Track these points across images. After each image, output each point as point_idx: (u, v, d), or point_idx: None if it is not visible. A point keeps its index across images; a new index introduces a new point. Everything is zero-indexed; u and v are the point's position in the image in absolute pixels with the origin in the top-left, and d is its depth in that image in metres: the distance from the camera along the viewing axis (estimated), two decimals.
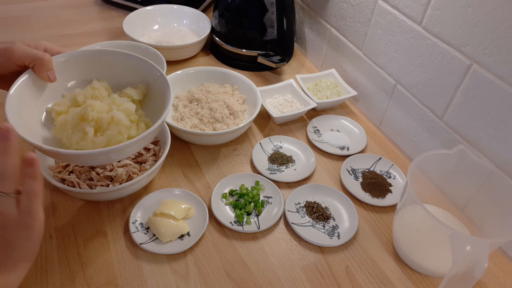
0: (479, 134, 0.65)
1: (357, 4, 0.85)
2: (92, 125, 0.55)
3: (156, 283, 0.57)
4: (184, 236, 0.63)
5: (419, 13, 0.70)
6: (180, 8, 1.10)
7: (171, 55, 0.97)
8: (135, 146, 0.54)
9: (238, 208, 0.67)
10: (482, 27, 0.60)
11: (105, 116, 0.55)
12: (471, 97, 0.65)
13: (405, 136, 0.81)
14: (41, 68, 0.55)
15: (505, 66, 0.58)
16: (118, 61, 0.64)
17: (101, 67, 0.64)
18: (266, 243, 0.64)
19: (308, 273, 0.60)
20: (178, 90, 0.86)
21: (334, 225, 0.67)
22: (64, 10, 1.17)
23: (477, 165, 0.61)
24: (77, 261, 0.59)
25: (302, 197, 0.71)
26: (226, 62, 1.03)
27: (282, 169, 0.76)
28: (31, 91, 0.57)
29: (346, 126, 0.87)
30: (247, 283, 0.58)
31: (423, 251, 0.60)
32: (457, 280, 0.48)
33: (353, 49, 0.90)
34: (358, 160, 0.78)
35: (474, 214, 0.64)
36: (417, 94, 0.75)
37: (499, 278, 0.63)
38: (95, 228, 0.63)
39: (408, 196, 0.57)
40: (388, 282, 0.60)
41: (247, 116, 0.84)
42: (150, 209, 0.65)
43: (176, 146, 0.78)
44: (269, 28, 0.96)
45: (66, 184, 0.64)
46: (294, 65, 1.06)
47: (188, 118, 0.79)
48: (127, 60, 0.64)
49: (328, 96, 0.91)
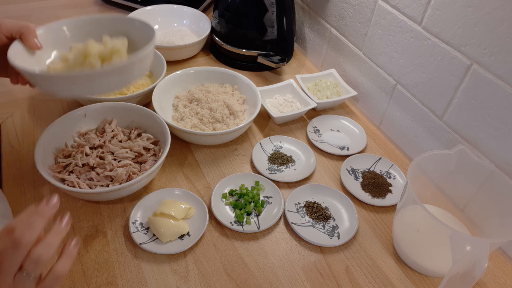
0: (479, 134, 0.65)
1: (357, 4, 0.85)
2: (97, 57, 0.57)
3: (156, 283, 0.57)
4: (184, 236, 0.63)
5: (419, 13, 0.70)
6: (180, 8, 1.10)
7: (171, 55, 0.97)
8: (142, 64, 0.57)
9: (238, 208, 0.67)
10: (482, 27, 0.60)
11: (106, 49, 0.58)
12: (471, 97, 0.65)
13: (405, 136, 0.81)
14: (29, 35, 0.58)
15: (505, 66, 0.58)
16: (97, 27, 0.65)
17: (81, 36, 0.64)
18: (266, 243, 0.64)
19: (308, 273, 0.60)
20: (178, 90, 0.86)
21: (334, 225, 0.67)
22: (64, 10, 1.17)
23: (477, 165, 0.61)
24: (77, 261, 0.59)
25: (302, 197, 0.71)
26: (226, 62, 1.03)
27: (282, 169, 0.76)
28: (23, 57, 0.58)
29: (346, 126, 0.87)
30: (247, 283, 0.58)
31: (423, 251, 0.60)
32: (457, 280, 0.48)
33: (353, 49, 0.90)
34: (358, 160, 0.78)
35: (474, 214, 0.64)
36: (417, 94, 0.75)
37: (499, 278, 0.63)
38: (95, 228, 0.63)
39: (408, 196, 0.57)
40: (388, 282, 0.60)
41: (247, 116, 0.84)
42: (150, 209, 0.65)
43: (176, 146, 0.78)
44: (269, 28, 0.96)
45: (66, 184, 0.64)
46: (294, 65, 1.06)
47: (188, 118, 0.79)
48: (106, 23, 0.66)
49: (328, 96, 0.91)
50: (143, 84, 0.85)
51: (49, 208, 0.43)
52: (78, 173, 0.66)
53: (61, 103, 0.85)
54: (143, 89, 0.82)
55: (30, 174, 0.70)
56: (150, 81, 0.88)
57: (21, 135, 0.77)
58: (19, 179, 0.69)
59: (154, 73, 0.91)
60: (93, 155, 0.68)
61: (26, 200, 0.66)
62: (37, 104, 0.84)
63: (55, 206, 0.43)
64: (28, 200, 0.66)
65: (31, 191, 0.68)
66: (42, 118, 0.81)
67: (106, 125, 0.74)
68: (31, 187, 0.68)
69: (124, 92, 0.82)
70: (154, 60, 0.89)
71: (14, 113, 0.82)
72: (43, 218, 0.42)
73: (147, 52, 0.56)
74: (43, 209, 0.42)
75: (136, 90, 0.83)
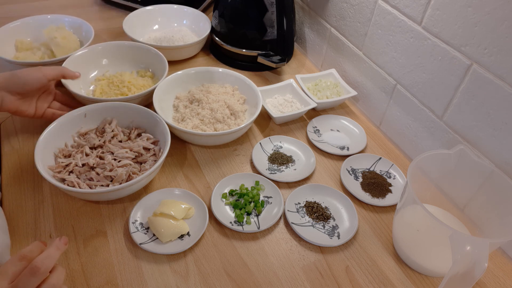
0: (479, 134, 0.65)
1: (357, 4, 0.85)
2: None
3: (156, 283, 0.57)
4: (184, 236, 0.63)
5: (419, 13, 0.70)
6: (180, 8, 1.10)
7: (171, 55, 0.97)
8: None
9: (238, 208, 0.67)
10: (482, 27, 0.60)
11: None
12: (471, 97, 0.65)
13: (405, 136, 0.81)
14: (69, 73, 0.78)
15: (505, 66, 0.58)
16: None
17: None
18: (266, 243, 0.64)
19: (308, 273, 0.60)
20: (178, 91, 0.86)
21: (334, 225, 0.67)
22: (64, 10, 1.17)
23: (477, 165, 0.61)
24: (77, 261, 0.59)
25: (302, 197, 0.71)
26: (226, 62, 1.03)
27: (282, 169, 0.76)
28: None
29: (346, 126, 0.87)
30: (247, 283, 0.58)
31: (423, 251, 0.60)
32: (457, 280, 0.48)
33: (353, 49, 0.90)
34: (358, 160, 0.78)
35: (474, 214, 0.64)
36: (417, 94, 0.75)
37: (499, 278, 0.63)
38: (95, 228, 0.63)
39: (408, 196, 0.57)
40: (388, 282, 0.60)
41: (248, 116, 0.84)
42: (150, 209, 0.65)
43: (176, 146, 0.78)
44: (269, 28, 0.96)
45: (66, 184, 0.64)
46: (294, 65, 1.06)
47: (189, 118, 0.79)
48: None
49: (328, 96, 0.91)
50: (144, 85, 0.85)
51: (62, 244, 0.48)
52: (78, 173, 0.66)
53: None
54: (145, 89, 0.82)
55: (30, 174, 0.70)
56: (152, 82, 0.89)
57: (21, 135, 0.77)
58: (19, 179, 0.69)
59: (155, 74, 0.91)
60: (93, 155, 0.68)
61: (26, 200, 0.66)
62: None
63: (66, 244, 0.48)
64: (28, 200, 0.66)
65: (31, 191, 0.68)
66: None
67: (106, 125, 0.74)
68: (31, 187, 0.68)
69: (126, 93, 0.82)
70: (155, 61, 0.89)
71: None
72: (58, 251, 0.47)
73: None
74: (59, 243, 0.47)
75: (137, 91, 0.83)
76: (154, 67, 0.91)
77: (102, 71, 0.90)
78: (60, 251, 0.47)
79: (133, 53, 0.92)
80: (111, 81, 0.85)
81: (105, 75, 0.89)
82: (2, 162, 0.72)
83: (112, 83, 0.85)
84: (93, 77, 0.89)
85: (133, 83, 0.84)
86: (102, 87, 0.85)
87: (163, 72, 0.85)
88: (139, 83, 0.85)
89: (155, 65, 0.90)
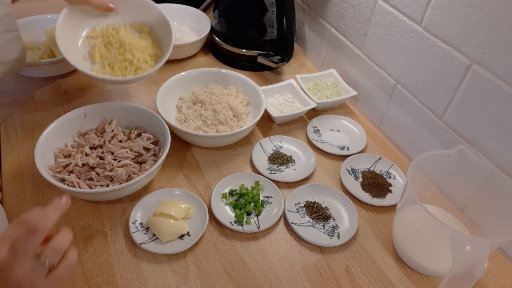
0: (479, 134, 0.65)
1: (357, 4, 0.85)
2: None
3: (156, 283, 0.57)
4: (184, 236, 0.63)
5: (419, 13, 0.70)
6: (180, 7, 1.10)
7: (171, 53, 0.97)
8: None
9: (238, 208, 0.67)
10: (482, 27, 0.60)
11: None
12: (471, 97, 0.65)
13: (405, 136, 0.81)
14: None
15: (505, 66, 0.58)
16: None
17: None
18: (266, 243, 0.64)
19: (308, 273, 0.60)
20: (182, 92, 0.86)
21: (334, 225, 0.67)
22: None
23: (477, 165, 0.61)
24: (77, 261, 0.59)
25: (302, 197, 0.71)
26: (226, 62, 1.03)
27: (282, 169, 0.76)
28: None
29: (346, 126, 0.87)
30: (247, 283, 0.58)
31: (423, 251, 0.60)
32: (457, 280, 0.48)
33: (353, 49, 0.90)
34: (358, 160, 0.78)
35: (474, 214, 0.64)
36: (417, 94, 0.75)
37: (499, 278, 0.63)
38: (95, 228, 0.63)
39: (408, 196, 0.57)
40: (388, 282, 0.60)
41: (251, 118, 0.83)
42: (150, 209, 0.65)
43: (176, 146, 0.78)
44: (269, 28, 0.96)
45: (66, 184, 0.64)
46: (294, 65, 1.06)
47: (191, 119, 0.79)
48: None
49: (328, 96, 0.91)
50: (146, 47, 0.79)
51: (63, 204, 0.46)
52: (78, 173, 0.66)
53: (61, 103, 0.85)
54: (147, 51, 0.78)
55: (30, 174, 0.70)
56: (151, 41, 0.81)
57: (21, 135, 0.77)
58: (19, 179, 0.69)
59: (153, 30, 0.83)
60: (93, 155, 0.68)
61: (26, 200, 0.66)
62: (37, 104, 0.84)
63: (67, 204, 0.47)
64: (28, 200, 0.66)
65: (31, 191, 0.68)
66: (42, 118, 0.81)
67: (106, 125, 0.74)
68: (31, 187, 0.68)
69: (130, 59, 0.76)
70: (161, 28, 0.82)
71: (14, 113, 0.82)
72: (57, 211, 0.45)
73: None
74: (58, 204, 0.46)
75: (141, 54, 0.77)
76: (152, 25, 0.82)
77: (92, 25, 0.77)
78: (58, 211, 0.45)
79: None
80: (108, 40, 0.76)
81: (96, 29, 0.77)
82: (2, 162, 0.72)
83: (109, 43, 0.76)
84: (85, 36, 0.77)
85: (134, 45, 0.76)
86: (99, 48, 0.76)
87: (166, 36, 0.80)
88: (141, 45, 0.78)
89: (155, 24, 0.82)
